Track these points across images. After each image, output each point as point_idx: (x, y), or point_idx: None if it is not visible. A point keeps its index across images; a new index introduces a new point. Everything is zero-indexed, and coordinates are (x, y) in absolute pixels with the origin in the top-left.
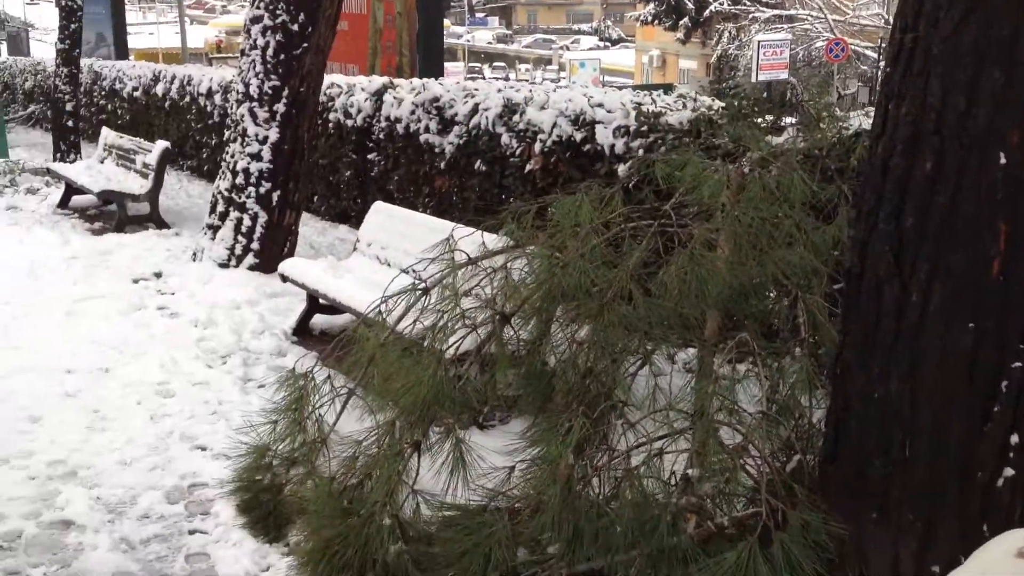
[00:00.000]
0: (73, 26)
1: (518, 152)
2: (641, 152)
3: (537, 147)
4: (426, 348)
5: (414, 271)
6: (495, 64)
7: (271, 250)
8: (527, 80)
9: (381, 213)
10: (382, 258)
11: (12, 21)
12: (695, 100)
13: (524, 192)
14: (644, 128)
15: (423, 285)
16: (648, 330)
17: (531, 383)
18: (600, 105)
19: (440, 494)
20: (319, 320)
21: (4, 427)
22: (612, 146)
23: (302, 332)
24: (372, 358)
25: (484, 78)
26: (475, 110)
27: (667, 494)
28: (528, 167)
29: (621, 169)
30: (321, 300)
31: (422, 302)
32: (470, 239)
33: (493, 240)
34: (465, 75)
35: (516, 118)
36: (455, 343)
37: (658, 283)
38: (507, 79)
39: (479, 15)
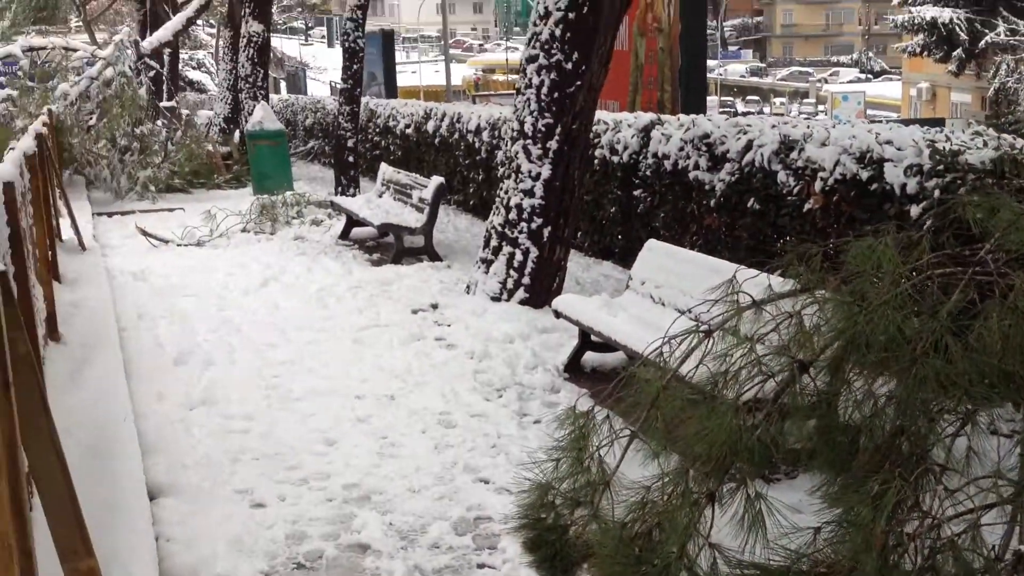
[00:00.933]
0: (355, 67)
1: (796, 191)
2: (937, 193)
3: (817, 185)
4: (718, 394)
5: (692, 312)
6: (748, 98)
7: (541, 285)
8: (782, 113)
9: (656, 251)
10: (656, 297)
11: (290, 61)
12: (998, 138)
13: (802, 232)
14: (940, 167)
15: (705, 327)
16: (968, 388)
17: (830, 438)
18: (889, 142)
19: (735, 549)
20: (590, 357)
21: (303, 448)
22: (903, 186)
23: (574, 369)
24: (654, 401)
25: (736, 112)
26: (748, 146)
27: (993, 571)
28: (807, 206)
29: (914, 210)
30: (593, 337)
31: (704, 345)
32: (754, 281)
33: (779, 283)
34: (718, 109)
35: (794, 155)
36: (750, 391)
37: (976, 336)
38: (761, 112)
39: (732, 48)
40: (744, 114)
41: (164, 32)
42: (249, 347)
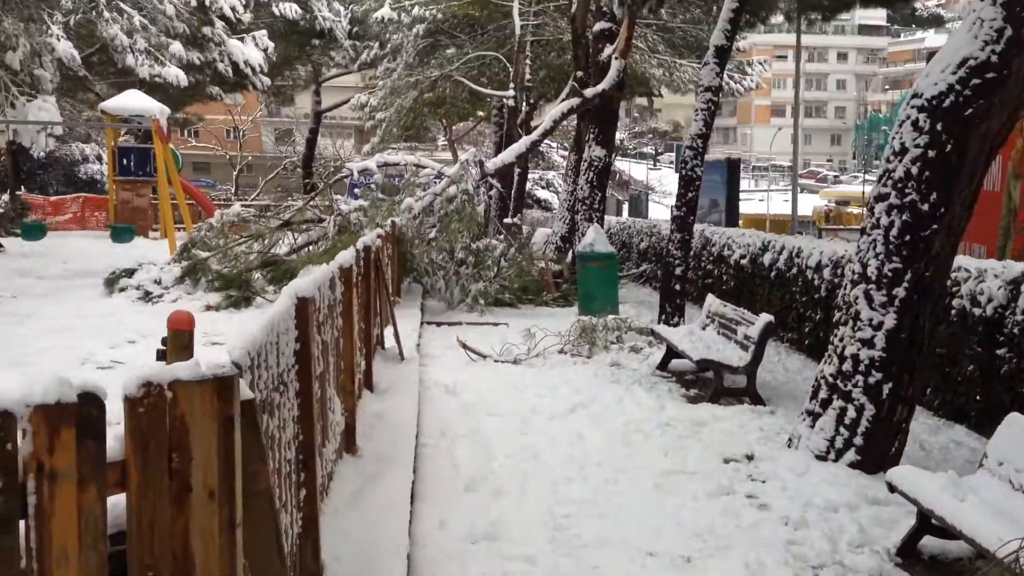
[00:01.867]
0: (690, 195)
1: None
2: None
3: None
4: None
5: None
6: None
7: (876, 448)
8: None
9: (1019, 427)
10: (1016, 483)
11: (635, 184)
12: None
13: None
14: None
15: None
16: None
17: None
18: None
19: None
20: (930, 542)
21: None
22: None
23: (908, 554)
24: None
25: None
26: None
27: None
28: None
29: None
30: (934, 521)
31: None
32: None
33: None
34: None
35: None
36: None
37: None
38: None
39: None
40: None
41: (508, 154)
42: (544, 478)
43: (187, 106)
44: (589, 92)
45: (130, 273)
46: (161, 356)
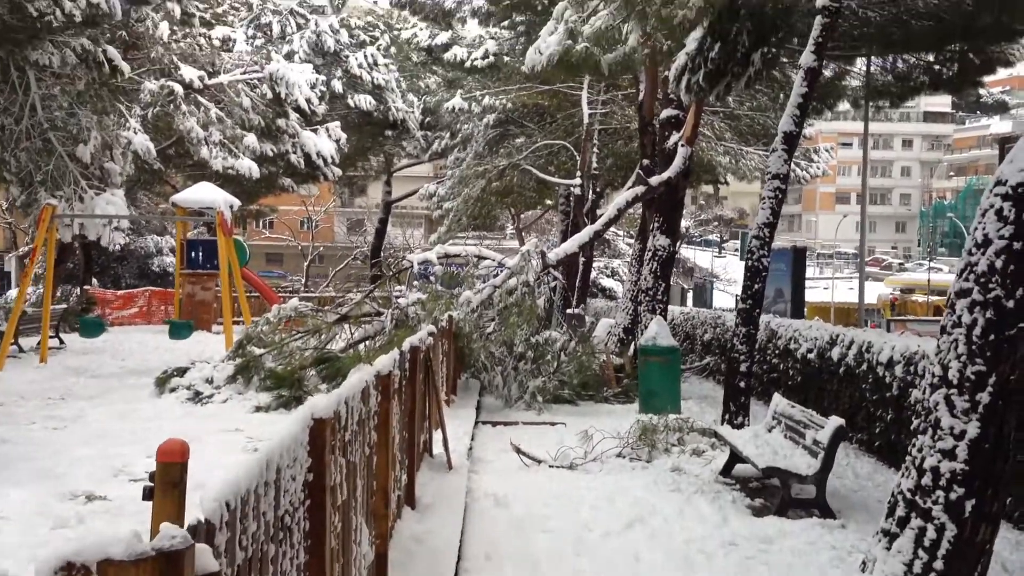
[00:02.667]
0: (756, 286)
1: None
2: None
3: None
4: None
5: None
6: None
7: (958, 572)
8: None
9: None
10: None
11: (700, 272)
12: None
13: None
14: None
15: None
16: None
17: None
18: None
19: None
20: None
21: None
22: None
23: None
24: None
25: None
26: None
27: None
28: None
29: None
30: None
31: None
32: None
33: None
34: None
35: None
36: None
37: None
38: None
39: None
40: None
41: (570, 244)
42: None
43: (260, 197)
44: (654, 180)
45: (181, 372)
46: (148, 494)
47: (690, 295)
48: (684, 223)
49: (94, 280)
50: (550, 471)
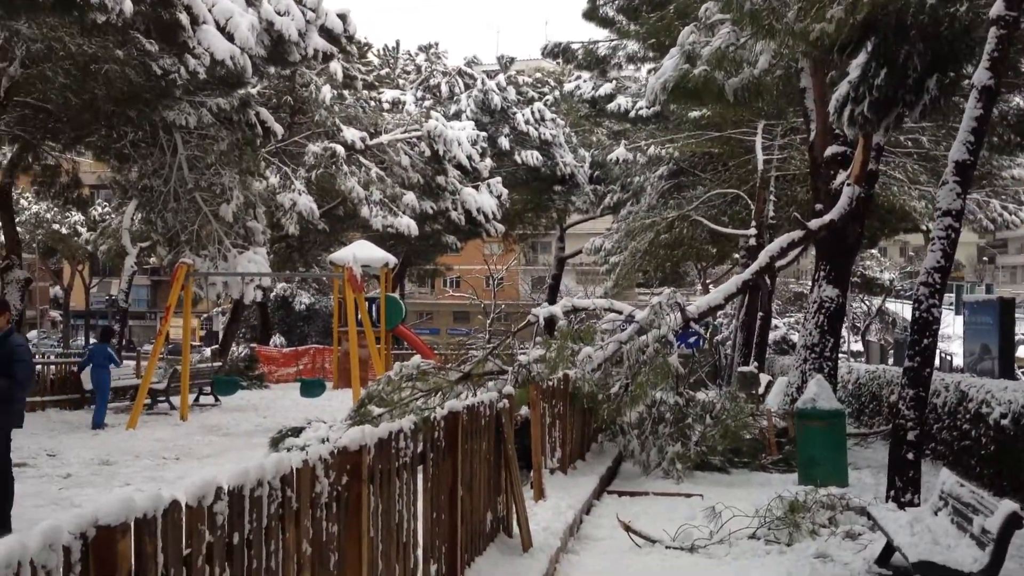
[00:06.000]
0: (926, 341)
1: None
2: None
3: None
4: None
5: None
6: None
7: None
8: None
9: None
10: None
11: (902, 327)
12: None
13: None
14: None
15: None
16: None
17: None
18: None
19: None
20: None
21: None
22: None
23: None
24: None
25: None
26: None
27: None
28: None
29: None
30: None
31: None
32: None
33: None
34: None
35: None
36: None
37: None
38: None
39: None
40: None
41: (716, 296)
42: None
43: (432, 256)
44: (813, 224)
45: (297, 432)
46: None
47: (891, 352)
48: (888, 275)
49: (278, 338)
50: (665, 553)
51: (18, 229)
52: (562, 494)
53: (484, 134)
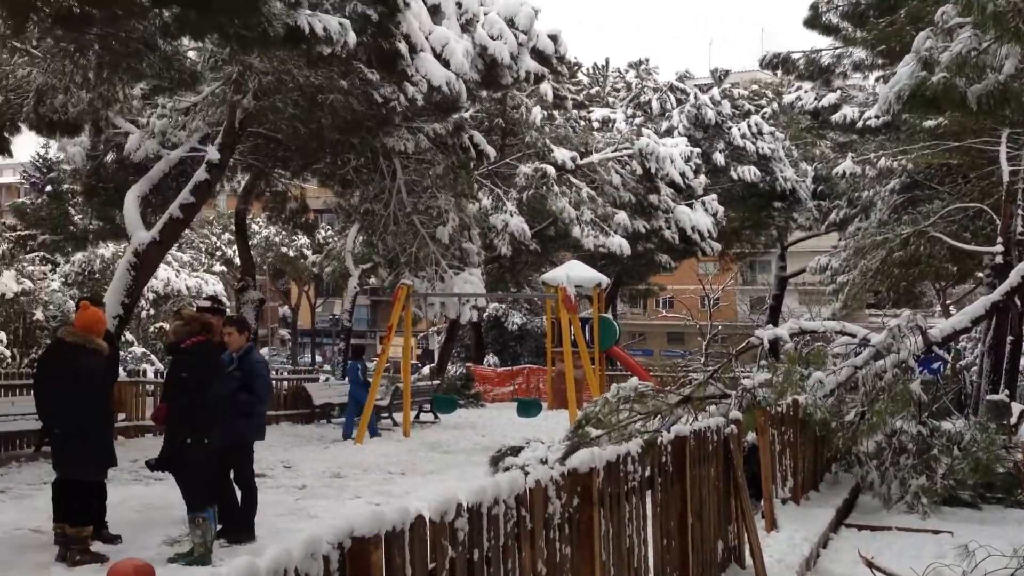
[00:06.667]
0: None
1: None
2: None
3: None
4: None
5: None
6: None
7: None
8: None
9: None
10: None
11: None
12: None
13: None
14: None
15: None
16: None
17: None
18: None
19: None
20: None
21: None
22: None
23: None
24: None
25: None
26: None
27: None
28: None
29: None
30: None
31: None
32: None
33: None
34: None
35: None
36: None
37: None
38: None
39: None
40: None
41: (960, 319)
42: None
43: (643, 275)
44: None
45: (516, 451)
46: None
47: None
48: None
49: (492, 357)
50: None
51: (251, 252)
52: (796, 525)
53: (698, 150)
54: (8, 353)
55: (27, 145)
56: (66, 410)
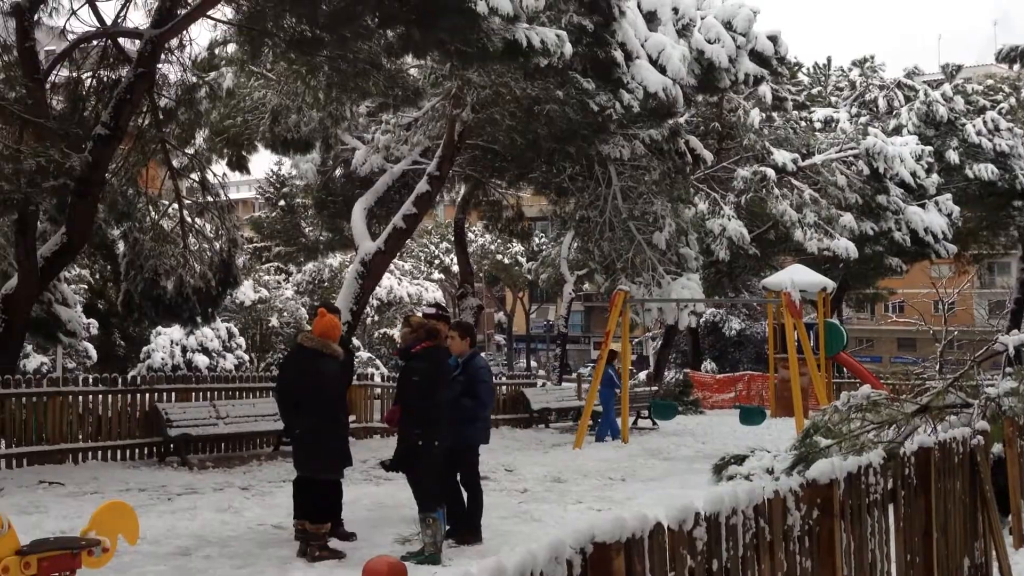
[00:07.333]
0: None
1: None
2: None
3: None
4: None
5: None
6: None
7: None
8: None
9: None
10: None
11: None
12: None
13: None
14: None
15: None
16: None
17: None
18: None
19: None
20: None
21: None
22: None
23: None
24: None
25: None
26: None
27: None
28: None
29: None
30: None
31: None
32: None
33: None
34: None
35: None
36: None
37: None
38: None
39: None
40: None
41: None
42: None
43: (872, 279)
44: None
45: (740, 460)
46: None
47: None
48: None
49: (709, 363)
50: None
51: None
52: None
53: (929, 148)
54: (247, 357)
55: (261, 162)
56: (306, 412)
